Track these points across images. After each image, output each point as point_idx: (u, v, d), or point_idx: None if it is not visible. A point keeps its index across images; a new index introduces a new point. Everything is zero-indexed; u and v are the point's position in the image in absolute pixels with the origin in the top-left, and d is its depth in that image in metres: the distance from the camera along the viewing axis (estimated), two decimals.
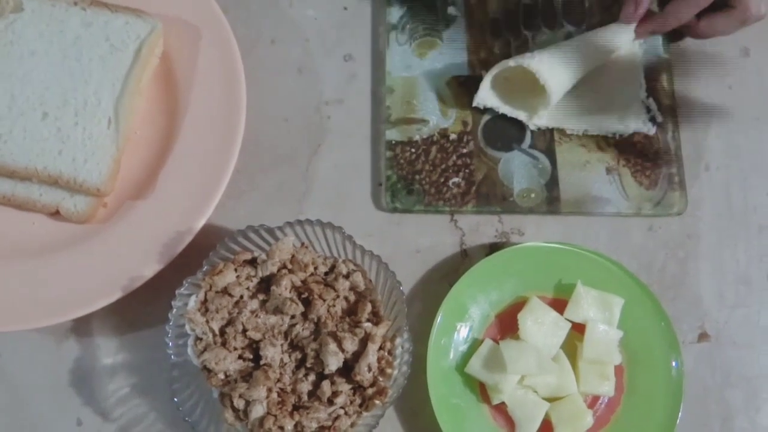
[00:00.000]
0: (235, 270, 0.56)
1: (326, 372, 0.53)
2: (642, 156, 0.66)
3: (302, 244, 0.57)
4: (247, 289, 0.56)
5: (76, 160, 0.61)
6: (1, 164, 0.61)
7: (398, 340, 0.56)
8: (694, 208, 0.66)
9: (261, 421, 0.52)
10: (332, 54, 0.70)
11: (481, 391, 0.60)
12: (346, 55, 0.70)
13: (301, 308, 0.54)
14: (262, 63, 0.69)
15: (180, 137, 0.63)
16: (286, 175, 0.66)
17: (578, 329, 0.61)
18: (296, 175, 0.66)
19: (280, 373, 0.54)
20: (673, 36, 0.69)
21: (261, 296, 0.56)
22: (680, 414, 0.59)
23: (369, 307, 0.55)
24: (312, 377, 0.54)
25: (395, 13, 0.70)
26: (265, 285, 0.56)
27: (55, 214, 0.62)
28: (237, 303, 0.55)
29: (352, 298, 0.56)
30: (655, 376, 0.60)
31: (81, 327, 0.62)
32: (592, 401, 0.60)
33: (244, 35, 0.65)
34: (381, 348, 0.54)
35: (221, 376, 0.54)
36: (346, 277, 0.56)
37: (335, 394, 0.53)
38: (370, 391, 0.53)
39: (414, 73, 0.68)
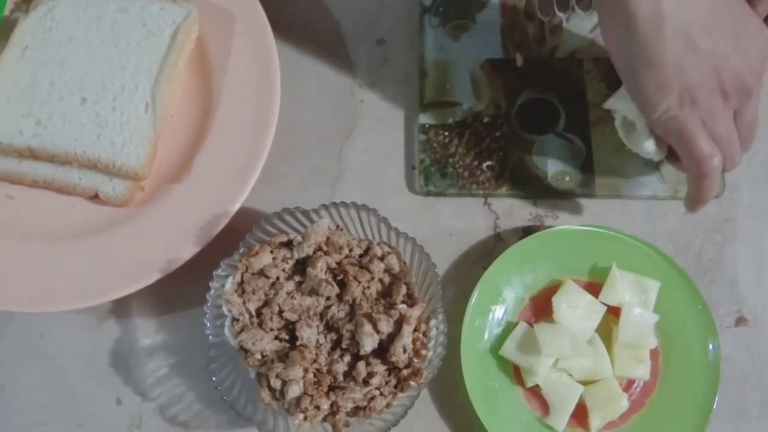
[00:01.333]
0: (271, 252, 0.56)
1: (361, 353, 0.53)
2: None
3: (337, 226, 0.58)
4: (283, 270, 0.56)
5: (114, 144, 0.62)
6: (42, 149, 0.62)
7: (433, 322, 0.56)
8: (732, 192, 0.65)
9: (297, 400, 0.53)
10: (365, 38, 0.70)
11: (515, 373, 0.60)
12: (379, 39, 0.70)
13: (336, 290, 0.55)
14: (295, 47, 0.69)
15: (215, 121, 0.63)
16: (320, 159, 0.67)
17: (613, 313, 0.60)
18: (330, 158, 0.67)
19: (316, 354, 0.55)
20: None
21: (297, 278, 0.56)
22: (717, 398, 0.58)
23: (404, 289, 0.55)
24: (347, 358, 0.55)
25: None
26: (301, 267, 0.57)
27: (95, 197, 0.63)
28: (273, 284, 0.56)
29: (386, 280, 0.56)
30: (691, 359, 0.60)
31: (120, 308, 0.63)
32: (627, 385, 0.60)
33: (277, 20, 0.66)
34: (416, 329, 0.55)
35: (258, 356, 0.55)
36: (381, 259, 0.57)
37: (370, 374, 0.53)
38: (405, 372, 0.54)
39: (447, 56, 0.68)
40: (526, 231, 0.64)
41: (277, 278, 0.56)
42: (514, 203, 0.65)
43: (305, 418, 0.53)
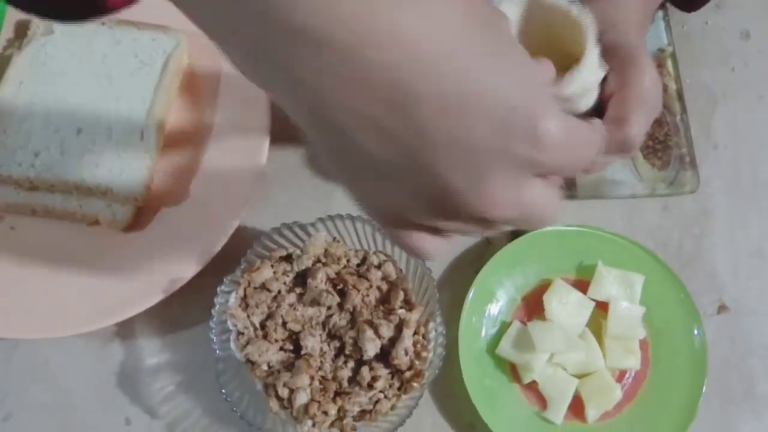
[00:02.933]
0: (272, 266, 0.58)
1: (365, 358, 0.56)
2: (653, 139, 0.68)
3: (334, 238, 0.60)
4: (284, 283, 0.58)
5: (112, 172, 0.64)
6: (41, 179, 0.63)
7: (431, 325, 0.58)
8: (706, 186, 0.68)
9: (305, 407, 0.55)
10: None
11: (512, 371, 0.62)
12: None
13: (337, 299, 0.57)
14: None
15: (210, 143, 0.66)
16: (313, 175, 0.69)
17: (602, 307, 0.63)
18: (324, 172, 0.69)
19: (321, 362, 0.56)
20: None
21: (298, 290, 0.58)
22: (705, 383, 0.61)
23: (401, 295, 0.58)
24: (351, 364, 0.57)
25: None
26: (301, 279, 0.59)
27: (95, 223, 0.64)
28: (275, 297, 0.58)
29: (384, 287, 0.59)
30: (678, 346, 0.62)
31: (124, 329, 0.64)
32: (620, 376, 0.62)
33: None
34: (416, 332, 0.57)
35: (264, 367, 0.56)
36: (378, 267, 0.59)
37: (374, 378, 0.55)
38: (407, 374, 0.56)
39: None
40: (514, 234, 0.67)
41: (279, 291, 0.58)
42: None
43: (314, 425, 0.55)
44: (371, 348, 0.55)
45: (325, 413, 0.55)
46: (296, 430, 0.55)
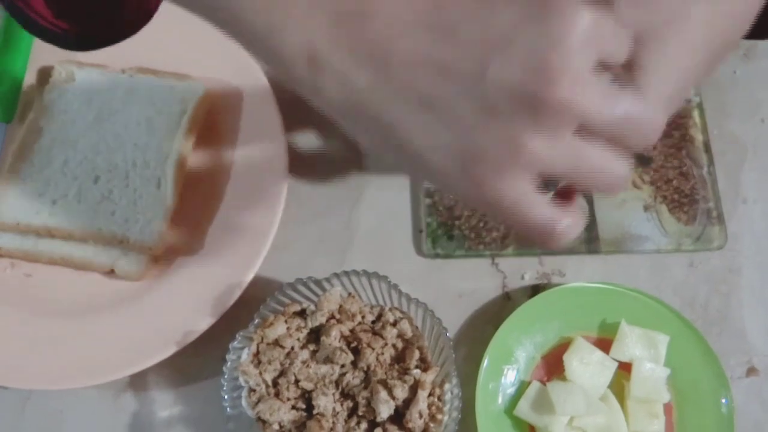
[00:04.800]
0: (285, 322, 0.57)
1: (378, 420, 0.54)
2: (678, 192, 0.66)
3: (349, 294, 0.59)
4: (298, 339, 0.57)
5: (128, 221, 0.64)
6: (58, 227, 0.63)
7: (447, 386, 0.56)
8: (734, 242, 0.66)
9: None
10: None
11: None
12: None
13: (350, 357, 0.56)
14: (301, 119, 0.71)
15: (227, 194, 0.65)
16: (329, 225, 0.68)
17: (625, 368, 0.61)
18: (339, 224, 0.68)
19: (333, 422, 0.55)
20: None
21: (311, 346, 0.57)
22: None
23: (417, 354, 0.56)
24: (364, 425, 0.55)
25: None
26: (315, 335, 0.58)
27: (110, 272, 0.64)
28: (288, 354, 0.57)
29: (399, 345, 0.57)
30: (705, 413, 0.60)
31: (137, 381, 0.64)
32: None
33: (283, 94, 0.68)
34: (431, 394, 0.55)
35: (276, 426, 0.55)
36: (393, 324, 0.58)
37: None
38: None
39: None
40: (535, 289, 0.65)
41: (292, 348, 0.57)
42: (521, 262, 0.66)
43: None
44: (385, 410, 0.54)
45: None
46: None
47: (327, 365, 0.56)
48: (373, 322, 0.59)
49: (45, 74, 0.69)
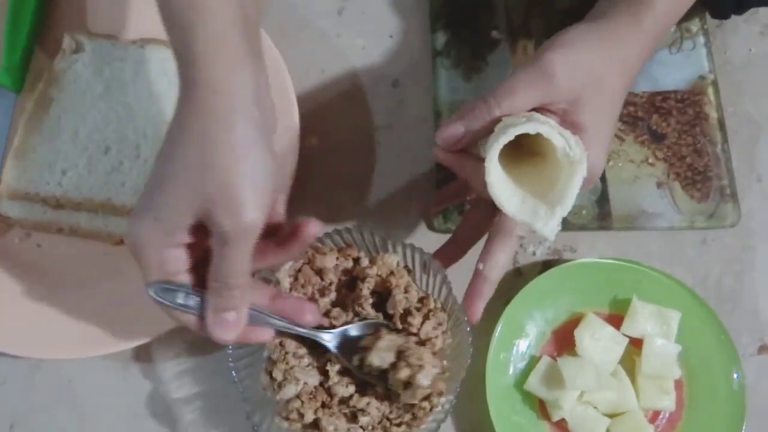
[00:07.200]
0: (337, 258, 0.57)
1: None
2: (692, 169, 0.66)
3: (405, 266, 0.58)
4: (339, 279, 0.57)
5: (138, 191, 0.63)
6: (67, 197, 0.63)
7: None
8: (748, 220, 0.66)
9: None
10: (380, 81, 0.71)
11: (541, 408, 0.60)
12: (394, 81, 0.71)
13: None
14: (313, 91, 0.71)
15: None
16: (340, 201, 0.68)
17: (636, 344, 0.61)
18: (350, 200, 0.68)
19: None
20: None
21: (342, 291, 0.57)
22: (744, 427, 0.58)
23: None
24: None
25: (440, 39, 0.71)
26: (349, 282, 0.57)
27: (119, 243, 0.64)
28: (322, 289, 0.56)
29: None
30: (716, 389, 0.60)
31: (144, 352, 0.64)
32: (653, 416, 0.60)
33: (295, 65, 0.67)
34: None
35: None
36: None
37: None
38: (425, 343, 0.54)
39: (461, 96, 0.69)
40: (546, 265, 0.65)
41: (330, 283, 0.57)
42: (532, 238, 0.66)
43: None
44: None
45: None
46: None
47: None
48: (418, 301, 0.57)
49: (55, 45, 0.69)
